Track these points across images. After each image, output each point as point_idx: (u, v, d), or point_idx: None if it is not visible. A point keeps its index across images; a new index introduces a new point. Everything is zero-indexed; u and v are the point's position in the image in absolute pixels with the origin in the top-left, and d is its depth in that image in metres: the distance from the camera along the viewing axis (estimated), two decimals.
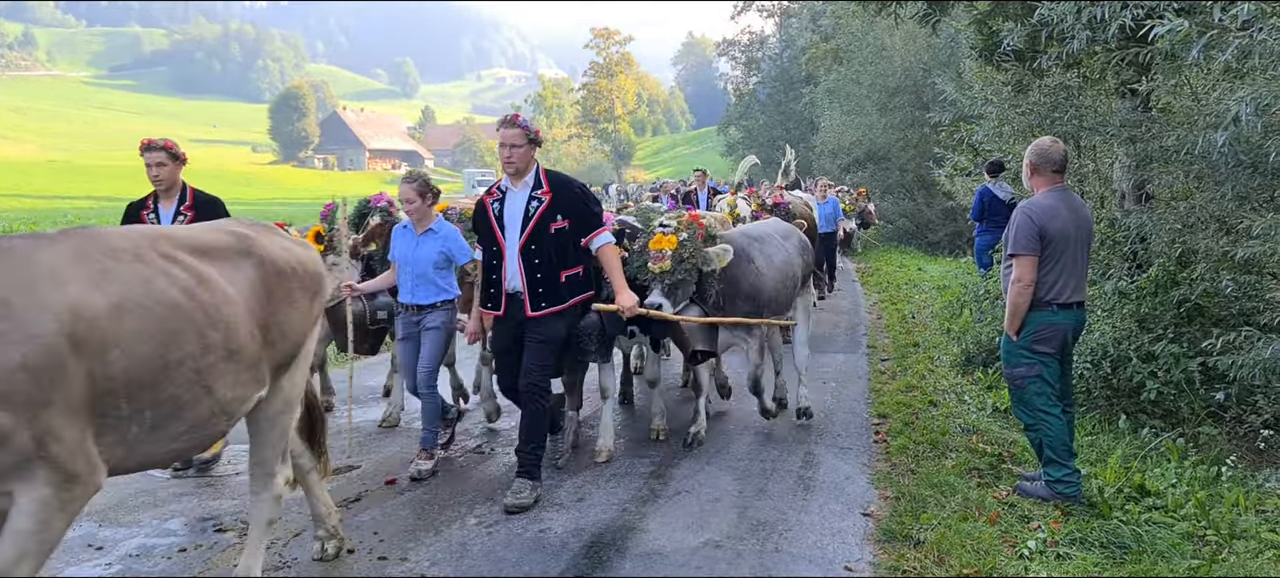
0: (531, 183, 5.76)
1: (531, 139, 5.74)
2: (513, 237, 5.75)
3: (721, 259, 6.34)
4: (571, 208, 5.76)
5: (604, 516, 5.48)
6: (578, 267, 5.85)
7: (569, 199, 5.78)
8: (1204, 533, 4.95)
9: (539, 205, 5.71)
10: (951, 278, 15.82)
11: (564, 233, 5.74)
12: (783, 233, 7.77)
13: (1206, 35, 5.45)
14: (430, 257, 6.23)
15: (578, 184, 6.01)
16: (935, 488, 5.70)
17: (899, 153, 27.23)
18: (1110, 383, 7.18)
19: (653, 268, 6.26)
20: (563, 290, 5.76)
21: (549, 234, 5.69)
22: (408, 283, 6.32)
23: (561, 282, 5.74)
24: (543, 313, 5.70)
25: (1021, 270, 5.37)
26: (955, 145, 15.25)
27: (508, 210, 5.80)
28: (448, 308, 6.36)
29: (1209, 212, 7.15)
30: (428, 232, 6.30)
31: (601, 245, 5.89)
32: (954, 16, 12.56)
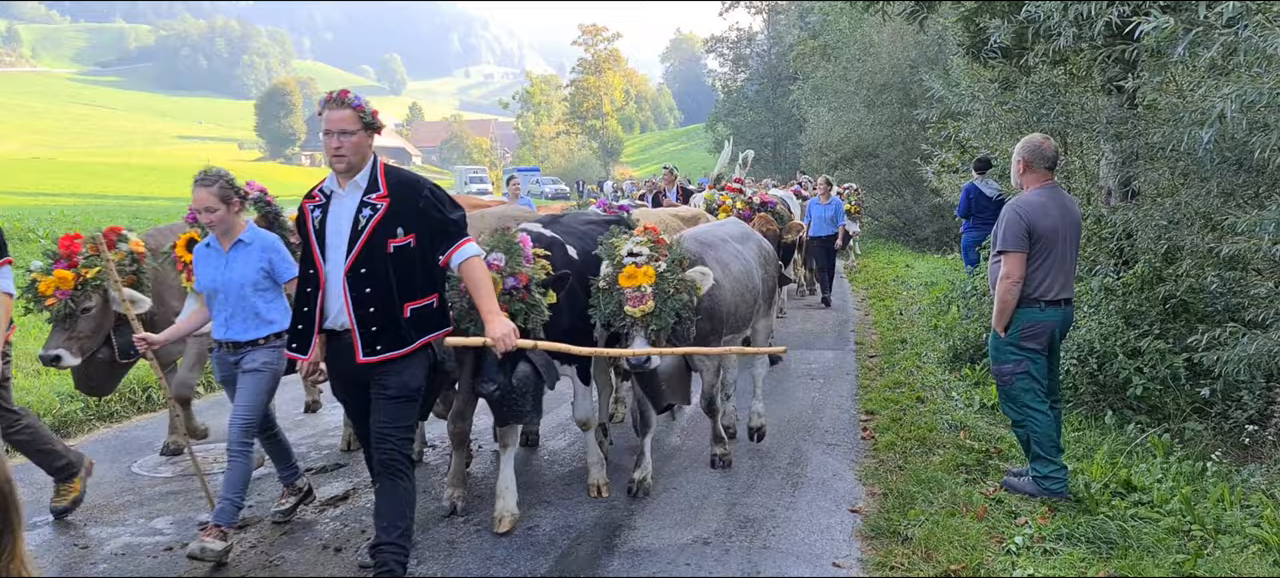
0: (365, 184, 4.31)
1: (368, 124, 4.31)
2: (337, 257, 4.28)
3: (700, 289, 5.35)
4: (418, 217, 4.30)
5: (592, 513, 5.47)
6: (429, 296, 4.39)
7: (413, 205, 4.30)
8: (1189, 528, 4.98)
9: (372, 214, 4.25)
10: (939, 274, 15.87)
11: (408, 251, 4.29)
12: (738, 235, 6.83)
13: (1192, 32, 5.48)
14: (246, 277, 4.89)
15: (428, 185, 4.46)
16: (923, 484, 5.71)
17: (886, 149, 27.29)
18: (1097, 379, 7.21)
19: (632, 312, 5.15)
20: (406, 328, 4.30)
21: (386, 253, 4.24)
22: (221, 314, 4.97)
23: (405, 317, 4.29)
24: (380, 359, 4.26)
25: (1010, 267, 5.38)
26: (943, 142, 15.28)
27: (331, 221, 4.32)
28: (273, 345, 4.96)
29: (1194, 208, 7.19)
30: (238, 244, 4.96)
31: (464, 261, 4.37)
32: (941, 13, 12.61)
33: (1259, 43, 5.08)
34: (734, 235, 6.78)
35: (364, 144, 4.31)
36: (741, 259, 6.40)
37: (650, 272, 5.16)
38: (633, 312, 5.13)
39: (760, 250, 6.85)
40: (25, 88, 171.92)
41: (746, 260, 6.48)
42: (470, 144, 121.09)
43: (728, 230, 6.89)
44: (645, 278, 5.14)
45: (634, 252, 5.26)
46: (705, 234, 6.55)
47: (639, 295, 5.12)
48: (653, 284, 5.15)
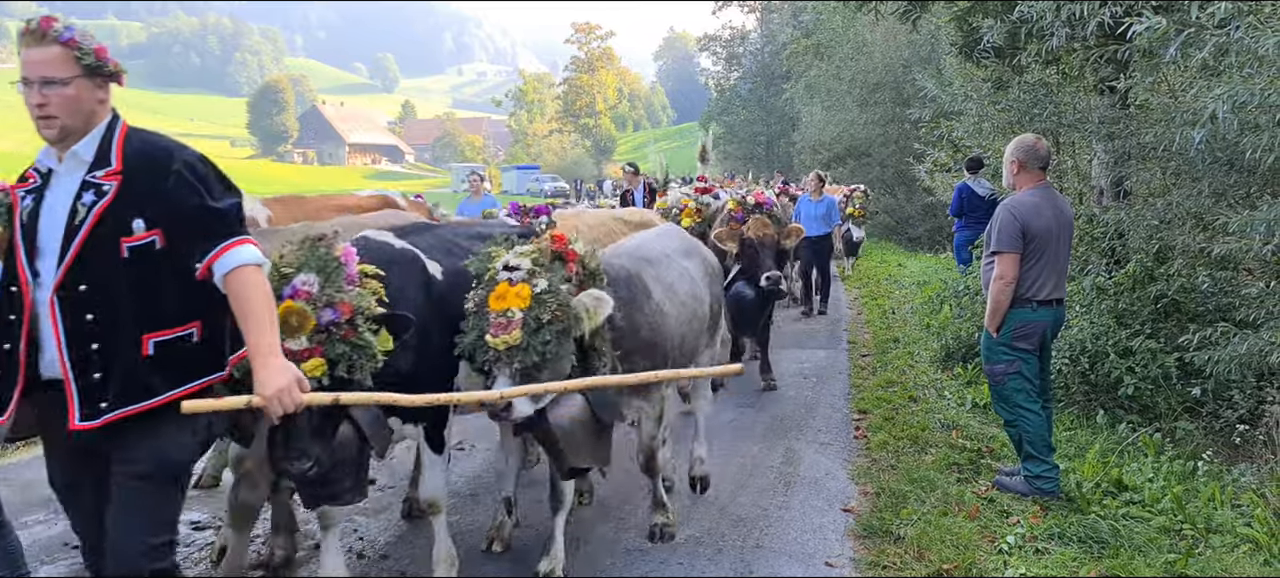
0: (90, 156, 3.00)
1: (91, 68, 2.98)
2: (47, 266, 2.91)
3: (592, 316, 3.99)
4: (165, 203, 2.95)
5: (583, 511, 5.46)
6: (186, 324, 3.02)
7: (159, 185, 2.96)
8: (1180, 528, 5.00)
9: (97, 200, 2.90)
10: (931, 274, 15.90)
11: (151, 255, 2.95)
12: (683, 249, 5.61)
13: (1184, 33, 5.49)
14: None
15: (185, 156, 3.06)
16: (915, 483, 5.72)
17: (879, 148, 27.34)
18: (1088, 379, 7.23)
19: (494, 342, 3.82)
20: (149, 373, 2.93)
21: (118, 258, 2.89)
22: None
23: (145, 357, 2.92)
24: (105, 422, 2.87)
25: (1003, 267, 5.39)
26: (935, 141, 15.31)
27: (46, 214, 2.97)
28: None
29: (1186, 208, 7.21)
30: None
31: (232, 273, 2.95)
32: (934, 13, 12.60)
33: (1250, 44, 5.10)
34: (677, 249, 5.52)
35: (85, 99, 2.96)
36: (688, 278, 5.20)
37: (525, 291, 3.89)
38: (494, 342, 3.80)
39: (706, 266, 5.66)
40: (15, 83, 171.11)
41: (693, 279, 5.28)
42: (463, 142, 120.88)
43: (670, 243, 5.62)
44: (516, 300, 3.87)
45: (511, 266, 4.00)
46: (645, 247, 5.28)
47: (504, 322, 3.82)
48: (525, 308, 3.85)
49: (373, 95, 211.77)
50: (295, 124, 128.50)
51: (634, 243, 5.49)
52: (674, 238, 5.82)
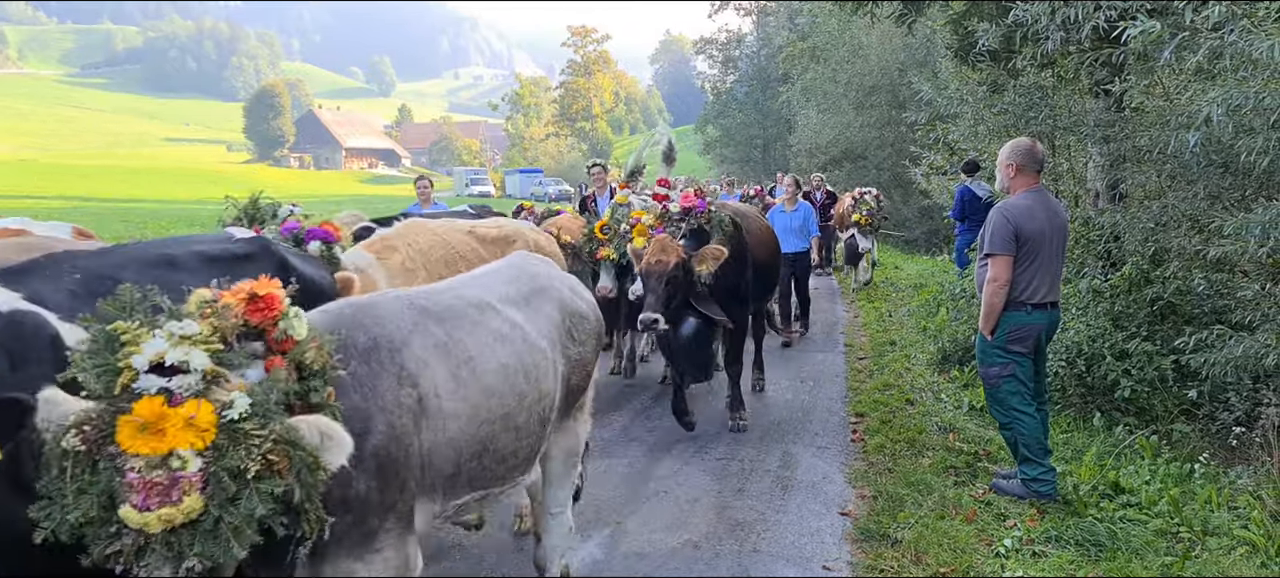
0: None
1: None
2: None
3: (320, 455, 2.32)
4: None
5: (582, 516, 5.45)
6: None
7: None
8: (1177, 530, 5.01)
9: None
10: (928, 276, 15.91)
11: None
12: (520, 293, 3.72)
13: (1178, 37, 5.52)
14: None
15: None
16: (912, 487, 5.73)
17: (875, 151, 27.41)
18: (1085, 381, 7.24)
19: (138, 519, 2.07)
20: None
21: None
22: None
23: None
24: None
25: (997, 270, 5.40)
26: (931, 144, 15.32)
27: None
28: None
29: (1181, 211, 7.23)
30: None
31: None
32: (930, 16, 12.64)
33: (1244, 47, 5.11)
34: (510, 293, 3.66)
35: None
36: (514, 342, 3.41)
37: (205, 416, 2.17)
38: (139, 520, 2.08)
39: (559, 317, 3.77)
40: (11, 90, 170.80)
41: (526, 341, 3.48)
42: (460, 146, 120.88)
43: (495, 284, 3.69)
44: (186, 435, 2.13)
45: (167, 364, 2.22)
46: (440, 296, 3.38)
47: (161, 483, 2.10)
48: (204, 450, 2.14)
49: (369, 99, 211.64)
50: (292, 128, 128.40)
51: (418, 292, 3.39)
52: (508, 275, 3.80)
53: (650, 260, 6.42)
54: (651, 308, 6.25)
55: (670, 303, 6.33)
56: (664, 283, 6.31)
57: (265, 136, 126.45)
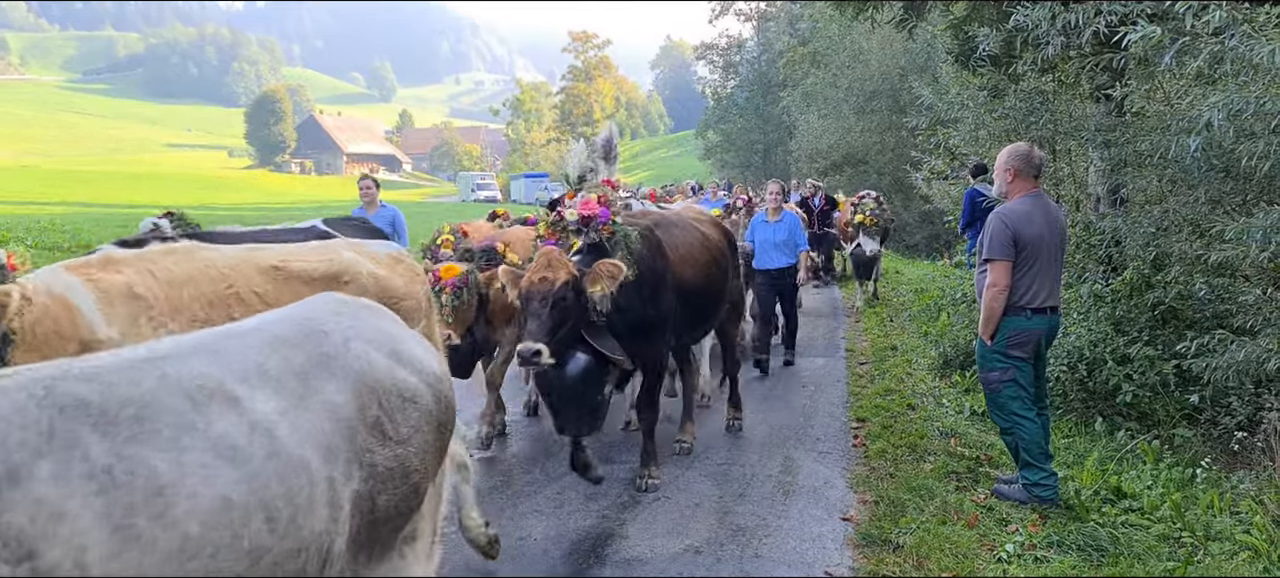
0: None
1: None
2: None
3: None
4: None
5: (584, 522, 5.46)
6: None
7: None
8: (1179, 535, 5.00)
9: None
10: (929, 281, 15.90)
11: None
12: (299, 364, 2.35)
13: (1179, 41, 5.52)
14: None
15: None
16: (914, 492, 5.72)
17: (876, 156, 27.42)
18: (1086, 386, 7.23)
19: None
20: None
21: None
22: None
23: None
24: None
25: (996, 275, 5.40)
26: (932, 149, 15.33)
27: None
28: None
29: (1182, 215, 7.23)
30: None
31: None
32: (930, 21, 12.64)
33: (1245, 52, 5.11)
34: (253, 373, 2.24)
35: None
36: (245, 464, 2.01)
37: None
38: None
39: (362, 404, 2.42)
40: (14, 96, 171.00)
41: (271, 458, 2.08)
42: (461, 151, 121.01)
43: (240, 354, 2.28)
44: None
45: None
46: (108, 379, 1.94)
47: None
48: None
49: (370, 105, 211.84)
50: (293, 134, 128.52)
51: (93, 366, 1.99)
52: (276, 334, 2.43)
53: (533, 279, 5.36)
54: (534, 336, 5.17)
55: (557, 332, 5.26)
56: (550, 307, 5.27)
57: (266, 142, 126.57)
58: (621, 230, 5.72)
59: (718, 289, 6.83)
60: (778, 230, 9.80)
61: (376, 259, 4.19)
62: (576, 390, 5.43)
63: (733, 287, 7.32)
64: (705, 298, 6.60)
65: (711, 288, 6.68)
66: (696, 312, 6.52)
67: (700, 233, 6.77)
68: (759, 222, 10.08)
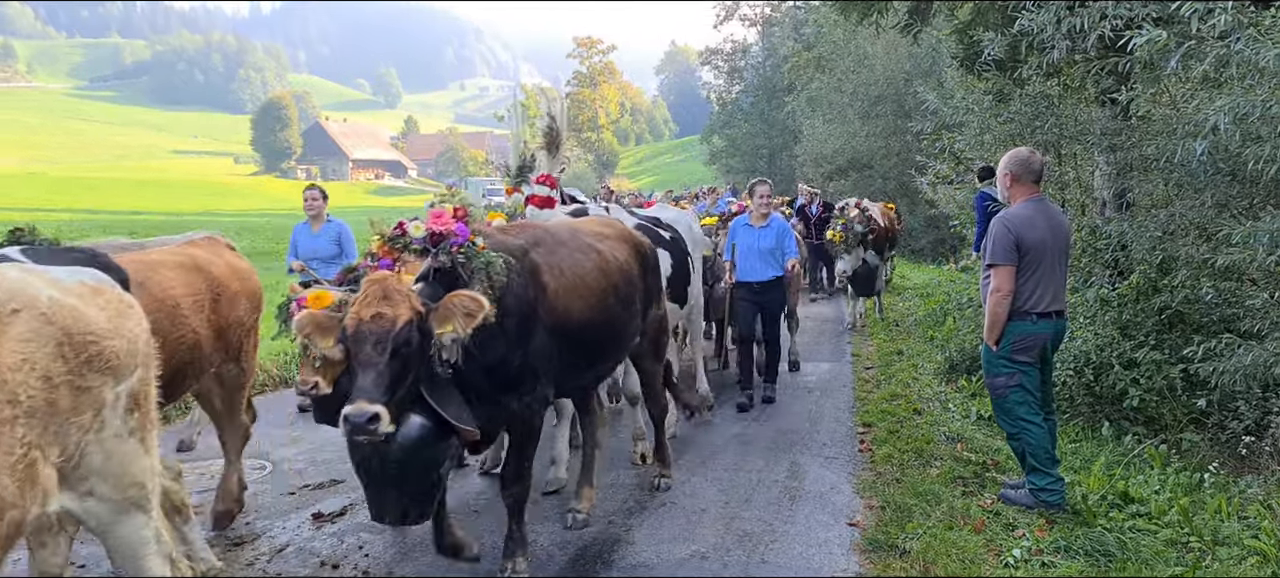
0: None
1: None
2: None
3: None
4: None
5: (590, 528, 5.46)
6: None
7: None
8: (1187, 540, 4.98)
9: None
10: (934, 286, 15.88)
11: None
12: None
13: (1184, 45, 5.51)
14: None
15: None
16: (920, 497, 5.71)
17: (881, 161, 27.40)
18: (1093, 390, 7.22)
19: None
20: None
21: None
22: None
23: None
24: None
25: (1000, 280, 5.40)
26: (937, 154, 15.31)
27: None
28: None
29: (1189, 219, 7.21)
30: None
31: None
32: (935, 26, 12.64)
33: (1251, 55, 5.10)
34: None
35: None
36: None
37: None
38: None
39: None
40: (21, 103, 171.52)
41: None
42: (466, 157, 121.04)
43: None
44: None
45: None
46: None
47: None
48: None
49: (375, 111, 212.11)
50: (298, 140, 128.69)
51: None
52: None
53: (364, 316, 3.88)
54: (367, 395, 3.72)
55: (397, 388, 3.84)
56: (388, 354, 3.81)
57: (272, 148, 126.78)
58: (482, 259, 4.23)
59: (618, 323, 5.32)
60: (763, 236, 8.52)
61: (63, 288, 3.10)
62: (406, 466, 4.07)
63: (654, 317, 5.94)
64: (601, 333, 5.15)
65: (610, 321, 5.20)
66: (588, 351, 5.10)
67: (598, 253, 5.23)
68: (740, 226, 8.69)
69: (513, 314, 4.35)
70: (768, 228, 8.54)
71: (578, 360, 5.02)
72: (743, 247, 8.54)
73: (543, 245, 4.88)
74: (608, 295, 5.14)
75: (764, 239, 8.51)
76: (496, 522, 5.24)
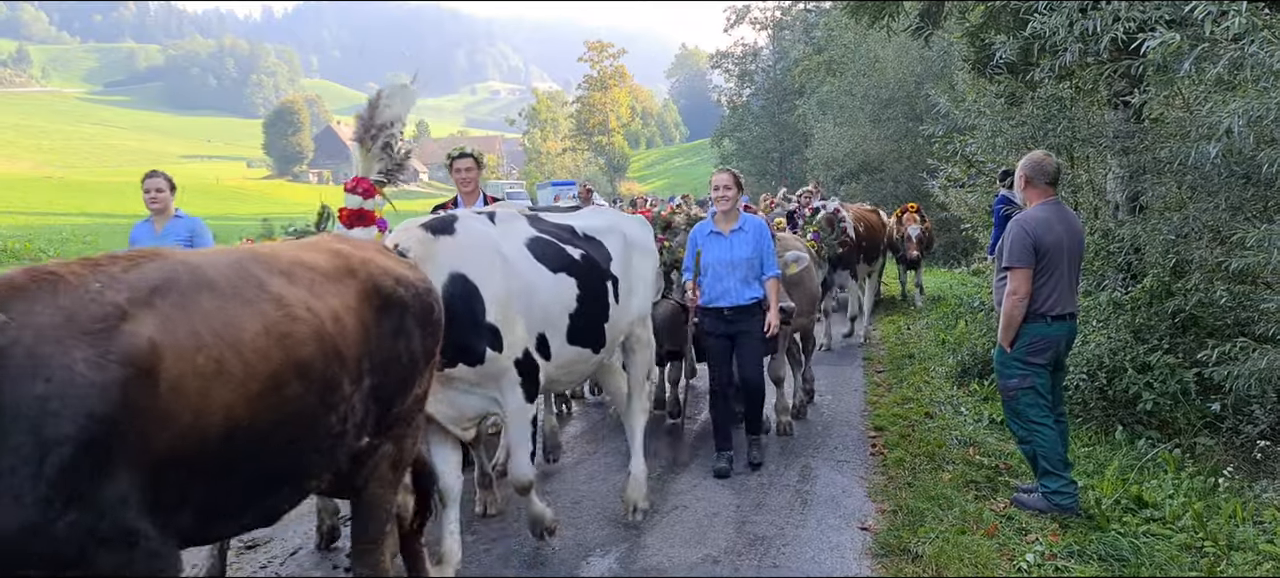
0: None
1: None
2: None
3: None
4: None
5: (601, 531, 5.46)
6: None
7: None
8: (1202, 545, 4.96)
9: None
10: (946, 289, 15.84)
11: None
12: None
13: (1198, 48, 5.49)
14: None
15: None
16: (932, 501, 5.69)
17: (892, 164, 27.34)
18: (1106, 394, 7.19)
19: None
20: None
21: None
22: None
23: None
24: None
25: (1016, 282, 5.39)
26: (949, 157, 15.28)
27: None
28: None
29: (1203, 222, 7.18)
30: None
31: None
32: (946, 29, 12.62)
33: (1265, 58, 5.09)
34: None
35: None
36: None
37: None
38: None
39: None
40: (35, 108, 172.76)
41: None
42: None
43: None
44: None
45: None
46: None
47: None
48: None
49: None
50: (311, 144, 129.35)
51: None
52: None
53: None
54: None
55: None
56: None
57: (284, 153, 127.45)
58: None
59: (302, 420, 3.08)
60: (736, 244, 6.46)
61: None
62: None
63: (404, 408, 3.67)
64: (265, 442, 2.95)
65: (284, 420, 2.98)
66: (249, 472, 2.95)
67: (271, 306, 3.04)
68: (704, 234, 6.59)
69: (60, 440, 2.35)
70: (740, 233, 6.50)
71: (233, 486, 2.92)
72: (707, 261, 6.51)
73: (166, 295, 2.77)
74: (283, 375, 2.97)
75: (737, 248, 6.47)
76: (515, 518, 5.24)
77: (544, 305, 4.80)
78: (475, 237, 4.62)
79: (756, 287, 6.49)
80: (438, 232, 4.47)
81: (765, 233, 6.59)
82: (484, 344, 4.44)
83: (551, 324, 4.86)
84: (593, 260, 5.26)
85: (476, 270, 4.45)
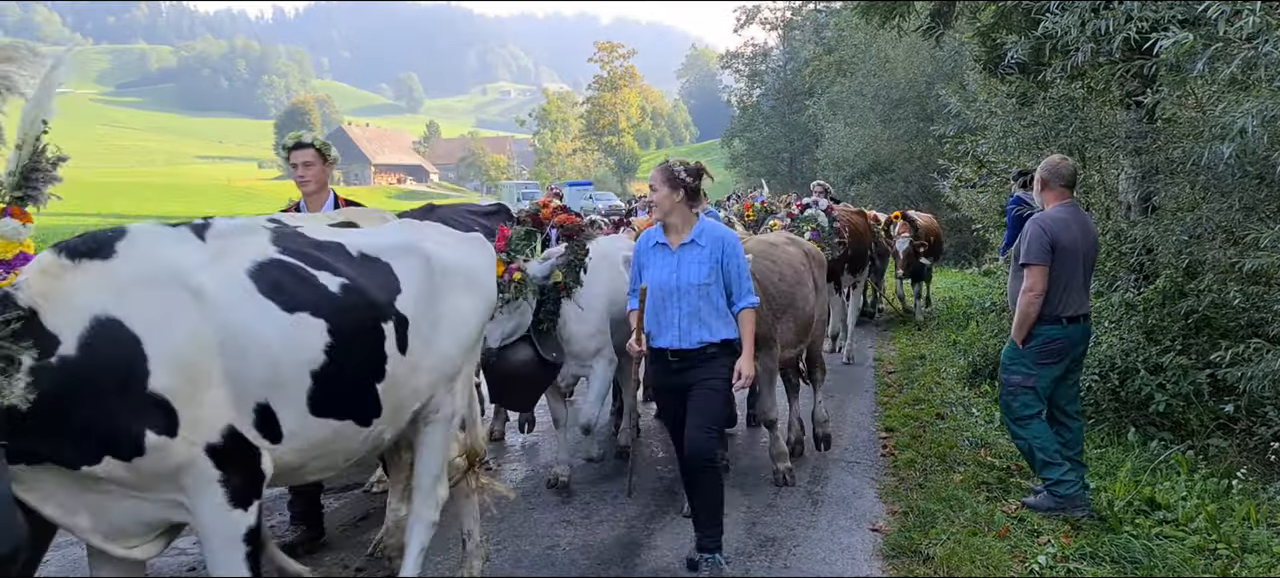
0: None
1: None
2: None
3: None
4: None
5: (612, 532, 5.47)
6: None
7: None
8: (1215, 547, 4.93)
9: None
10: (957, 289, 15.80)
11: None
12: None
13: (1211, 48, 5.46)
14: None
15: None
16: (944, 502, 5.68)
17: (903, 164, 27.33)
18: (1118, 395, 7.16)
19: None
20: None
21: None
22: None
23: None
24: None
25: (1033, 280, 5.40)
26: (960, 157, 15.23)
27: None
28: None
29: (1216, 223, 7.14)
30: None
31: None
32: (957, 28, 12.58)
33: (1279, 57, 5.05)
34: None
35: None
36: None
37: None
38: None
39: None
40: None
41: None
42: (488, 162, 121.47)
43: None
44: None
45: None
46: None
47: None
48: None
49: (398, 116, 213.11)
50: None
51: None
52: None
53: None
54: None
55: None
56: None
57: None
58: None
59: None
60: (682, 265, 4.82)
61: None
62: None
63: None
64: None
65: None
66: None
67: None
68: (648, 246, 4.99)
69: None
70: (692, 248, 4.84)
71: None
72: (652, 284, 4.85)
73: None
74: None
75: (685, 268, 4.81)
76: (524, 519, 5.24)
77: (269, 361, 3.22)
78: (145, 261, 3.12)
79: (715, 323, 4.78)
80: (81, 254, 3.06)
81: (731, 246, 4.87)
82: (141, 426, 2.91)
83: (280, 388, 3.26)
84: (361, 294, 3.60)
85: (139, 312, 2.98)
